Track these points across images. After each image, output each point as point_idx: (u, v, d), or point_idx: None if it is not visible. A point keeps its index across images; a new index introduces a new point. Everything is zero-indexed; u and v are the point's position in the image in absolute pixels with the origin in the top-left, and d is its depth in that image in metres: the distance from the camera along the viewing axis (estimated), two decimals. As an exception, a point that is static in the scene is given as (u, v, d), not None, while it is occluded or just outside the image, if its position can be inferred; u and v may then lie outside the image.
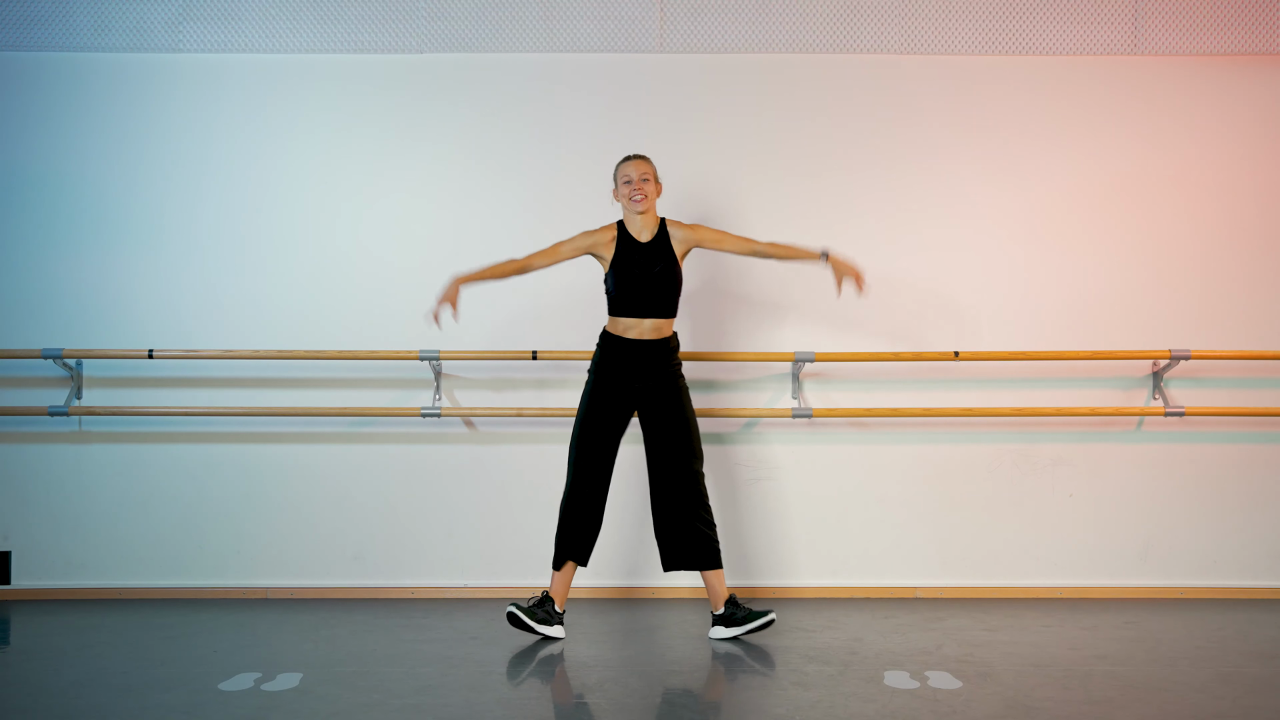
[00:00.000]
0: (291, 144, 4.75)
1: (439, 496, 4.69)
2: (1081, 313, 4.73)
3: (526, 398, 4.68)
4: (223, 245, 4.71)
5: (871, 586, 4.69)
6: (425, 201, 4.75)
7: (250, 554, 4.67)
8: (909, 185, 4.76)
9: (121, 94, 4.74)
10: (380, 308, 4.69)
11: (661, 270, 3.92)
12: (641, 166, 3.95)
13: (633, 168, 3.95)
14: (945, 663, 3.54)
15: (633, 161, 3.96)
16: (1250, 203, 4.78)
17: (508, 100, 4.76)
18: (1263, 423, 4.71)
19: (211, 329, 4.67)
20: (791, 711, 3.03)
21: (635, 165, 3.95)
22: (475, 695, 3.18)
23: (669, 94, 4.78)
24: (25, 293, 4.68)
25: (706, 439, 4.66)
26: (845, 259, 3.96)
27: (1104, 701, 3.13)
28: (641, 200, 3.92)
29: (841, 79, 4.79)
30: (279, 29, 4.78)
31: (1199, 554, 4.72)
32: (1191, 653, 3.71)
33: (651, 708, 3.12)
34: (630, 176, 3.94)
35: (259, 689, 3.23)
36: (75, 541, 4.65)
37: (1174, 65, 4.81)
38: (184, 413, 4.58)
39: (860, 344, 4.68)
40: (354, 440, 4.70)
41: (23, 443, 4.67)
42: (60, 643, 3.84)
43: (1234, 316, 4.74)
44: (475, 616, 4.26)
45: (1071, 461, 4.72)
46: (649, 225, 3.98)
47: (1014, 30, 4.82)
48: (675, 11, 4.81)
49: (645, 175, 3.93)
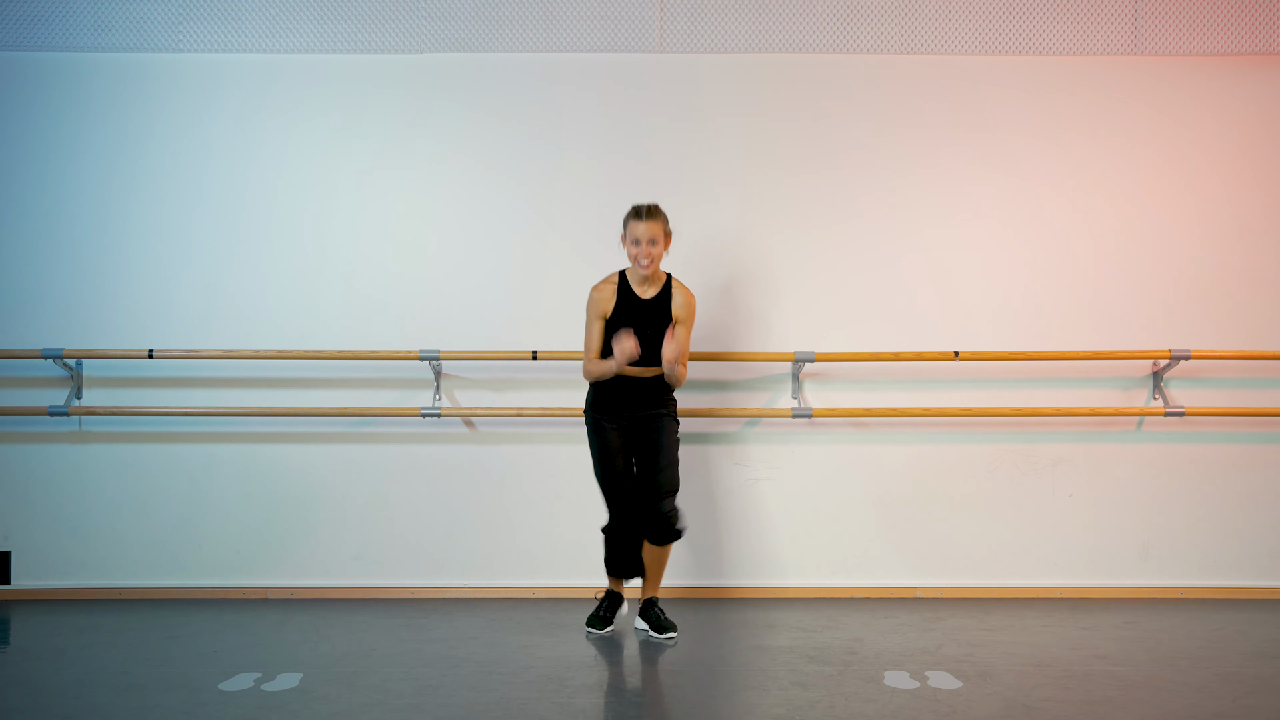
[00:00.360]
0: (291, 144, 4.74)
1: (439, 496, 4.69)
2: (1082, 313, 4.73)
3: (526, 398, 4.68)
4: (223, 245, 4.71)
5: (871, 586, 4.69)
6: (425, 201, 4.75)
7: (250, 554, 4.67)
8: (909, 185, 4.76)
9: (121, 94, 4.73)
10: (380, 308, 4.69)
11: (652, 335, 3.90)
12: (651, 229, 3.86)
13: (642, 230, 3.86)
14: (945, 663, 3.54)
15: (643, 223, 3.87)
16: (1250, 203, 4.78)
17: (508, 100, 4.76)
18: (1263, 423, 4.71)
19: (211, 329, 4.67)
20: (791, 711, 3.03)
21: (645, 227, 3.86)
22: (475, 695, 3.18)
23: (669, 94, 4.78)
24: (25, 293, 4.68)
25: (707, 439, 4.68)
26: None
27: (1104, 701, 3.13)
28: (648, 265, 3.89)
29: (841, 79, 4.79)
30: (279, 29, 4.78)
31: (1199, 554, 4.72)
32: (1191, 653, 3.71)
33: (651, 707, 3.12)
34: (639, 238, 3.87)
35: (259, 689, 3.23)
36: (75, 541, 4.65)
37: (1174, 65, 4.81)
38: (184, 413, 4.58)
39: (860, 344, 4.69)
40: (354, 440, 4.70)
41: (23, 443, 4.67)
42: (60, 643, 3.84)
43: (1234, 316, 4.74)
44: (475, 616, 4.27)
45: (1071, 461, 4.72)
46: (653, 282, 3.97)
47: (1014, 30, 4.82)
48: (675, 11, 4.80)
49: (654, 238, 3.87)
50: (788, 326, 4.71)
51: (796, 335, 4.70)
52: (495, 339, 4.67)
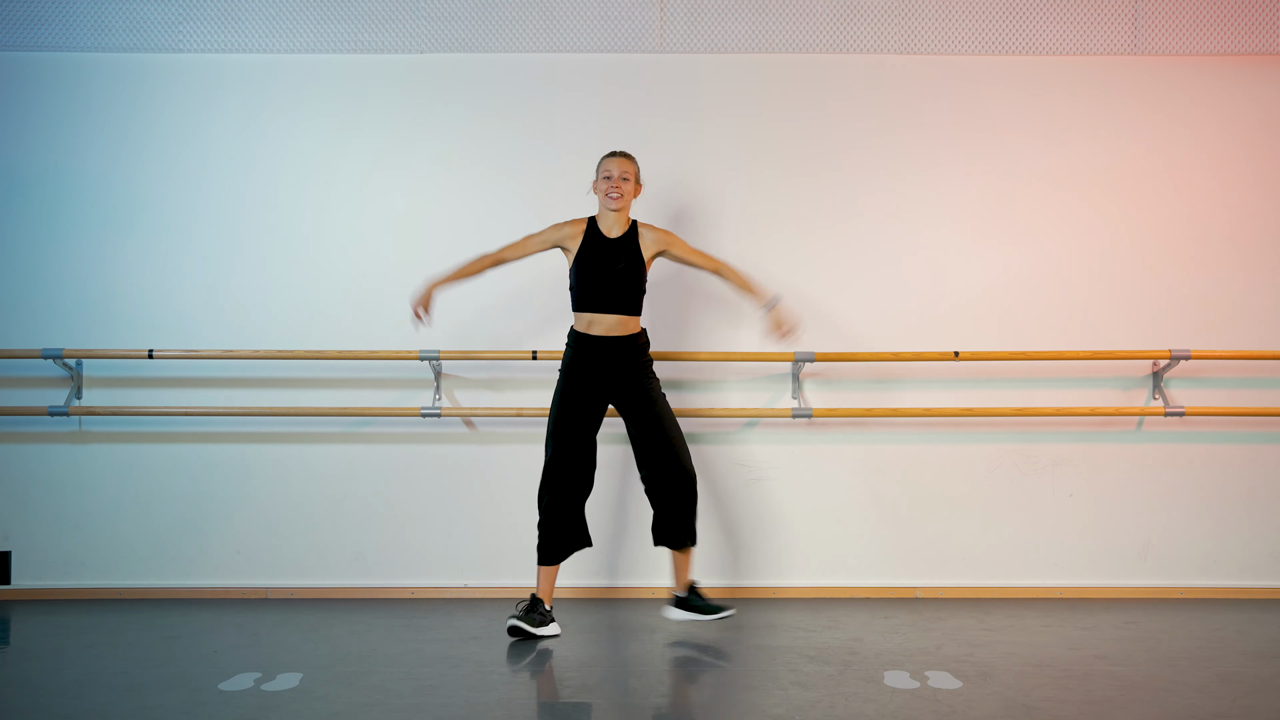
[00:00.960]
0: (291, 144, 4.75)
1: (439, 496, 4.69)
2: (1082, 313, 4.73)
3: (526, 398, 4.68)
4: (223, 245, 4.71)
5: (871, 586, 4.69)
6: (425, 201, 4.75)
7: (250, 554, 4.67)
8: (909, 185, 4.76)
9: (121, 94, 4.74)
10: (380, 307, 4.68)
11: (625, 268, 3.95)
12: (624, 165, 3.99)
13: (615, 165, 3.99)
14: (945, 663, 3.54)
15: (616, 159, 4.01)
16: (1250, 203, 4.78)
17: (507, 100, 4.76)
18: (1263, 423, 4.71)
19: (211, 329, 4.67)
20: (791, 711, 3.03)
21: (618, 163, 3.99)
22: (475, 695, 3.18)
23: (668, 94, 4.78)
24: (25, 293, 4.68)
25: (707, 439, 4.68)
26: (786, 317, 4.02)
27: (1104, 701, 3.13)
28: (618, 198, 3.96)
29: (841, 79, 4.79)
30: (279, 29, 4.78)
31: (1199, 554, 4.72)
32: (1191, 653, 3.71)
33: (651, 708, 3.12)
34: (611, 173, 3.98)
35: (259, 689, 3.23)
36: (75, 541, 4.65)
37: (1174, 65, 4.81)
38: (184, 413, 4.58)
39: (860, 344, 4.69)
40: (354, 440, 4.70)
41: (23, 443, 4.67)
42: (60, 643, 3.84)
43: (1234, 316, 4.74)
44: (475, 616, 4.26)
45: (1071, 461, 4.72)
46: (620, 223, 4.02)
47: (1014, 30, 4.82)
48: (675, 11, 4.81)
49: (626, 174, 3.98)
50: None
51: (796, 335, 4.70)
52: (495, 339, 4.67)
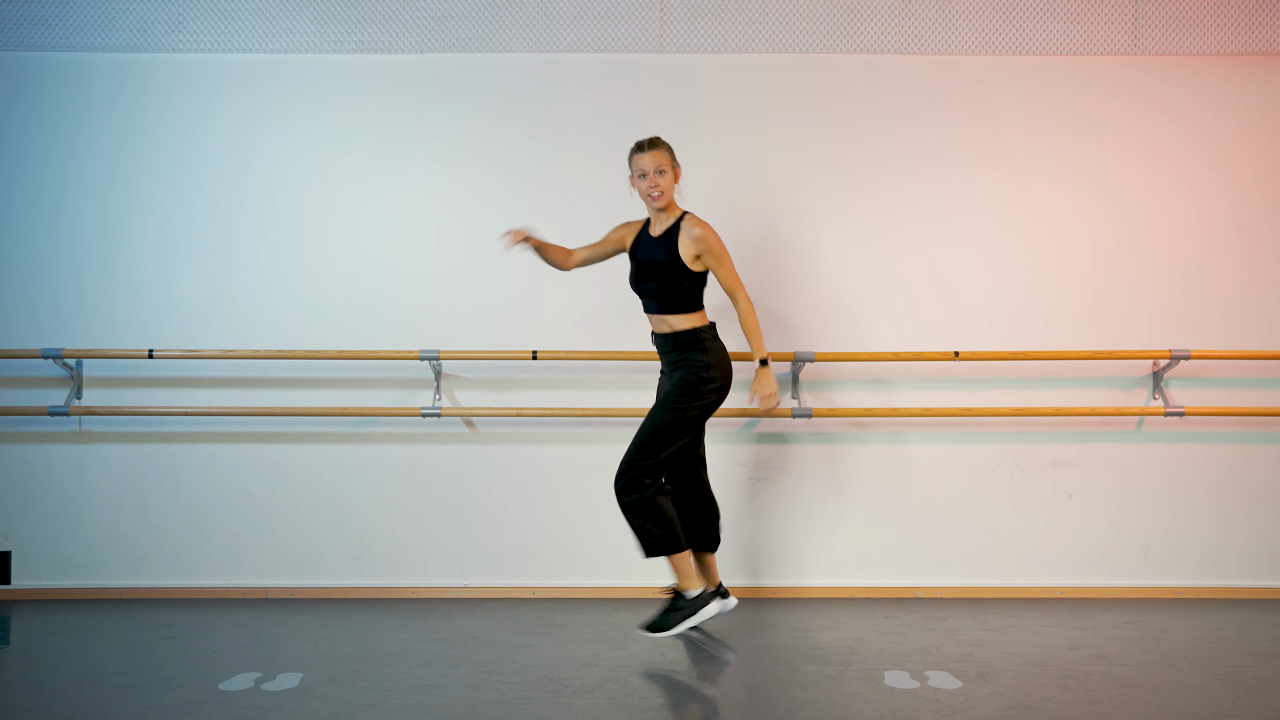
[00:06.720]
0: (291, 144, 4.74)
1: (439, 496, 4.69)
2: (1082, 312, 4.73)
3: (526, 398, 4.68)
4: (223, 245, 4.71)
5: (871, 586, 4.69)
6: (425, 201, 4.75)
7: (250, 554, 4.67)
8: (909, 185, 4.76)
9: (121, 94, 4.74)
10: (380, 307, 4.69)
11: (646, 260, 3.77)
12: (657, 158, 3.71)
13: (648, 160, 3.71)
14: (945, 663, 3.54)
15: (647, 153, 3.72)
16: (1251, 203, 4.78)
17: (508, 100, 4.76)
18: (1263, 423, 4.71)
19: (211, 329, 4.67)
20: (791, 711, 3.03)
21: (651, 157, 3.71)
22: (475, 695, 3.18)
23: (669, 94, 4.78)
24: (25, 293, 4.68)
25: (706, 439, 4.66)
26: (766, 383, 3.77)
27: (1104, 701, 3.13)
28: (659, 196, 3.72)
29: (841, 79, 4.79)
30: (279, 29, 4.78)
31: (1199, 554, 4.72)
32: (1191, 653, 3.71)
33: (651, 708, 3.12)
34: (645, 169, 3.72)
35: (259, 689, 3.23)
36: (75, 541, 4.65)
37: (1174, 65, 4.81)
38: (184, 413, 4.58)
39: (860, 344, 4.69)
40: (354, 440, 4.70)
41: (23, 443, 4.67)
42: (60, 643, 3.84)
43: (1234, 316, 4.74)
44: (475, 616, 4.27)
45: (1072, 461, 4.72)
46: (664, 219, 3.79)
47: (1014, 30, 4.82)
48: (675, 11, 4.80)
49: (661, 167, 3.71)
50: (787, 326, 4.71)
51: (796, 335, 4.70)
52: (495, 339, 4.67)
